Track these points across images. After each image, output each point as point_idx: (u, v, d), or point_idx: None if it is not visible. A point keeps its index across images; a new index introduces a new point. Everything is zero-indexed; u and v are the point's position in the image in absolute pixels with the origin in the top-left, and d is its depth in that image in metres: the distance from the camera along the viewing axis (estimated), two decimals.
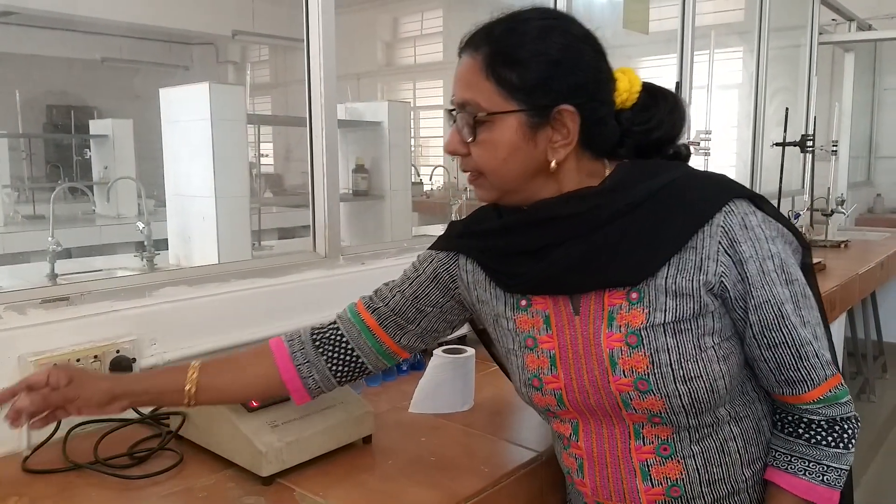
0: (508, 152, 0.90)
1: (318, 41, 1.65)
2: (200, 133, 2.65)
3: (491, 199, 0.97)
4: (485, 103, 0.89)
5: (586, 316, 0.94)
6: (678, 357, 0.89)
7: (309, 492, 1.05)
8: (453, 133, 0.93)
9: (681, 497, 0.95)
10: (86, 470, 1.11)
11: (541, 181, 0.93)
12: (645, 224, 0.91)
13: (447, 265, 1.07)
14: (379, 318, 1.08)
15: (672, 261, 0.90)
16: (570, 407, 0.96)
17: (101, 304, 1.32)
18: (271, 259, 1.67)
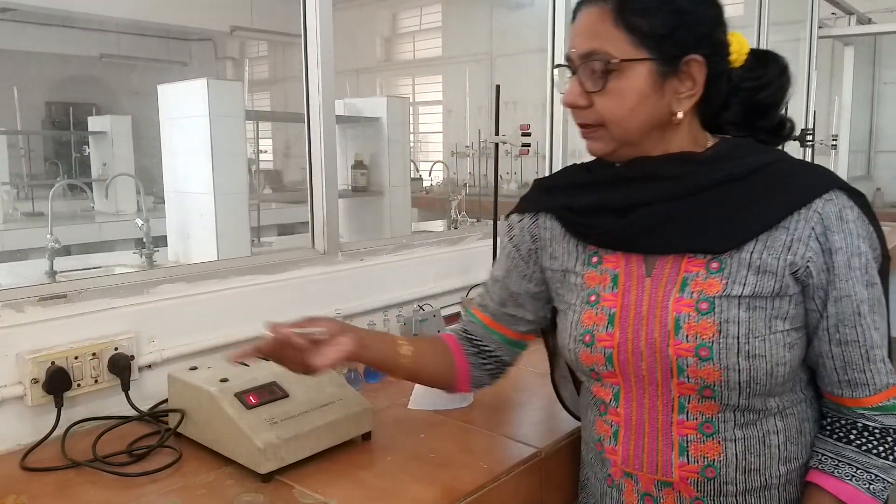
0: (637, 101, 0.90)
1: (316, 37, 1.64)
2: (199, 129, 2.65)
3: (606, 151, 0.96)
4: (615, 52, 0.89)
5: (658, 278, 0.94)
6: (747, 332, 0.89)
7: (308, 489, 1.04)
8: (574, 85, 0.92)
9: (714, 479, 0.94)
10: (84, 468, 1.11)
11: (657, 136, 0.94)
12: (741, 198, 0.91)
13: (531, 224, 1.09)
14: (492, 315, 1.13)
15: (761, 237, 0.91)
16: (618, 369, 0.96)
17: (100, 301, 1.31)
18: (270, 256, 1.66)
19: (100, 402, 1.29)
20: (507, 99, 1.90)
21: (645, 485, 0.98)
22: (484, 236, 2.10)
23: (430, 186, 5.66)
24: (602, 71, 0.89)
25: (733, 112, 0.99)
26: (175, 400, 1.22)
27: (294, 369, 1.00)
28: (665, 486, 0.96)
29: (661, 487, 0.97)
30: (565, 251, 1.04)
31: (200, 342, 1.44)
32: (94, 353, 1.27)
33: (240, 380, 1.16)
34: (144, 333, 1.36)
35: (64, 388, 1.22)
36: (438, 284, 1.95)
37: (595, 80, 0.90)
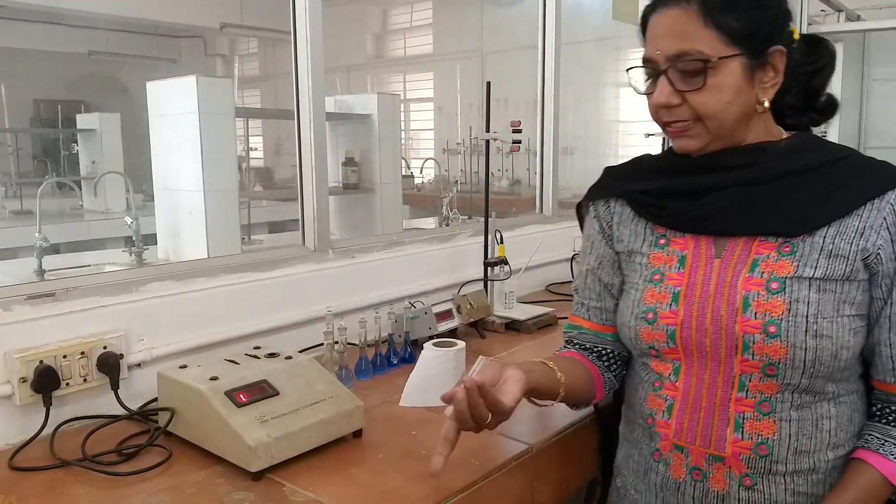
0: (733, 95, 0.94)
1: (306, 33, 1.63)
2: (188, 127, 2.63)
3: (700, 147, 0.99)
4: (709, 50, 0.92)
5: (728, 259, 0.98)
6: (815, 312, 0.92)
7: (299, 487, 1.04)
8: (664, 85, 0.95)
9: (766, 457, 0.96)
10: (74, 467, 1.10)
11: (744, 127, 0.99)
12: (816, 187, 0.96)
13: (604, 210, 1.14)
14: (596, 317, 1.15)
15: (834, 224, 0.95)
16: (680, 345, 0.99)
17: (88, 299, 1.31)
18: (260, 253, 1.66)
19: (89, 401, 1.29)
20: (497, 96, 1.90)
21: (695, 458, 1.00)
22: (475, 233, 2.10)
23: (422, 183, 5.65)
24: (698, 70, 0.93)
25: (793, 95, 1.04)
26: (165, 398, 1.21)
27: (476, 425, 0.95)
28: (716, 460, 0.98)
29: (711, 462, 0.99)
30: (632, 233, 1.09)
31: (190, 340, 1.43)
32: (82, 352, 1.26)
33: (230, 378, 1.15)
34: (134, 332, 1.35)
35: (52, 387, 1.22)
36: (430, 281, 1.95)
37: (690, 79, 0.94)
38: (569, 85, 2.62)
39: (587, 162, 5.22)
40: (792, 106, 1.05)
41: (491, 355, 1.64)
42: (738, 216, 0.99)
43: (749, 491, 0.98)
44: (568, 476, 1.28)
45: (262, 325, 1.57)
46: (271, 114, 5.91)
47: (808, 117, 1.07)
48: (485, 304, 1.82)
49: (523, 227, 2.39)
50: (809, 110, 1.07)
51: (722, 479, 0.98)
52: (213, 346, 1.46)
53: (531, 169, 3.99)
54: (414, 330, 1.63)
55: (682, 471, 1.02)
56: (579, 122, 5.21)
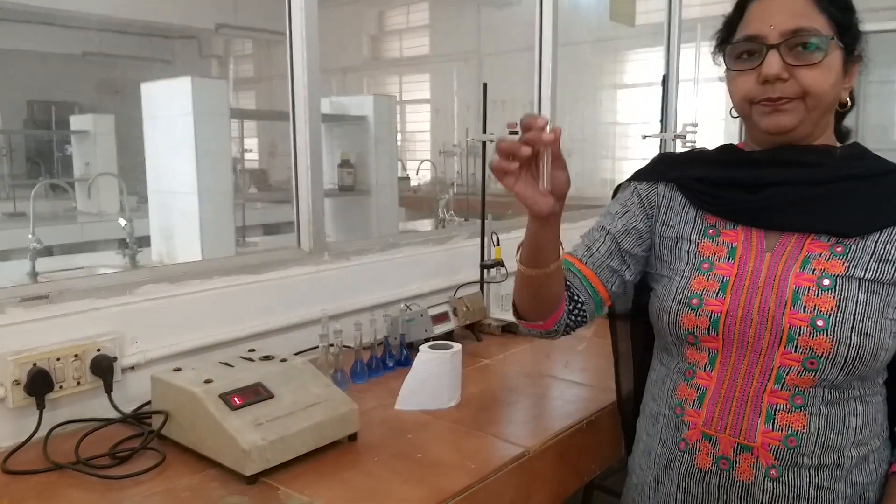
0: (836, 79, 0.99)
1: (301, 35, 1.63)
2: (183, 128, 2.63)
3: (793, 124, 1.00)
4: (824, 31, 0.97)
5: (780, 254, 1.01)
6: (863, 311, 0.95)
7: (294, 490, 1.03)
8: (776, 59, 0.97)
9: (794, 449, 0.98)
10: (67, 470, 1.09)
11: (824, 120, 1.02)
12: (871, 194, 1.00)
13: (648, 191, 1.15)
14: (593, 265, 1.14)
15: (886, 230, 0.98)
16: (721, 333, 1.00)
17: (82, 302, 1.30)
18: (254, 255, 1.65)
19: (82, 403, 1.28)
20: (494, 97, 1.90)
21: (724, 448, 1.01)
22: (471, 235, 2.09)
23: (418, 185, 5.65)
24: (816, 46, 0.96)
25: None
26: (159, 401, 1.21)
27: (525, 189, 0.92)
28: (745, 450, 1.00)
29: (739, 451, 1.00)
30: (681, 220, 1.10)
31: (184, 343, 1.43)
32: (76, 355, 1.25)
33: (224, 381, 1.15)
34: (127, 334, 1.34)
35: (46, 389, 1.21)
36: (426, 284, 1.94)
37: (803, 55, 0.97)
38: (566, 87, 2.61)
39: (584, 164, 5.22)
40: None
41: (487, 358, 1.65)
42: (795, 213, 1.01)
43: (774, 482, 0.99)
44: (564, 479, 1.27)
45: (257, 328, 1.56)
46: (266, 115, 5.91)
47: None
48: (481, 307, 1.82)
49: (520, 230, 2.36)
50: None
51: (748, 469, 1.00)
52: (207, 349, 1.45)
53: None
54: (410, 332, 1.62)
55: (708, 460, 1.03)
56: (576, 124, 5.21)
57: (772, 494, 0.99)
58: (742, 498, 1.01)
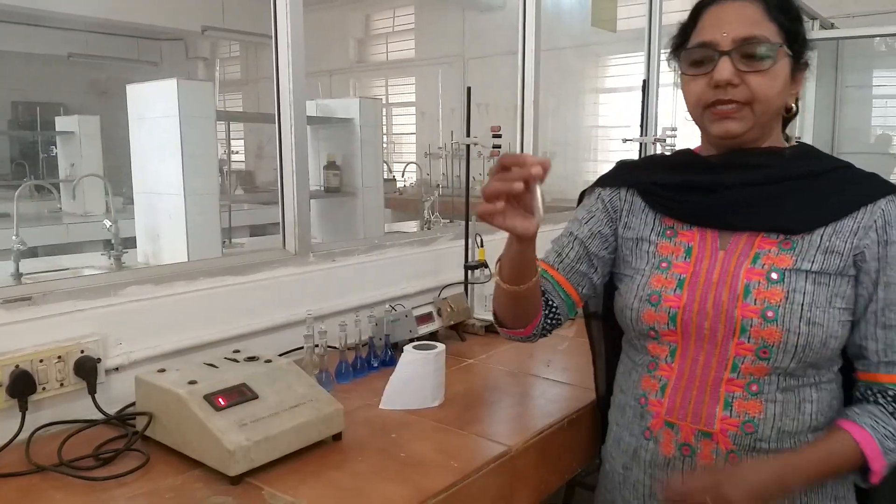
0: (783, 85, 1.03)
1: (287, 37, 1.64)
2: (169, 130, 2.62)
3: (742, 131, 1.04)
4: (774, 39, 1.02)
5: (732, 252, 1.06)
6: (811, 302, 1.00)
7: (278, 490, 1.04)
8: (727, 65, 1.01)
9: (752, 435, 1.03)
10: (50, 472, 1.09)
11: (772, 125, 1.07)
12: (817, 191, 1.05)
13: (611, 196, 1.21)
14: (564, 270, 1.20)
15: (831, 224, 1.03)
16: (680, 327, 1.06)
17: (65, 303, 1.29)
18: (240, 257, 1.65)
19: (66, 405, 1.28)
20: (478, 101, 1.91)
21: (685, 435, 1.06)
22: (456, 237, 2.11)
23: (404, 187, 5.65)
24: (764, 54, 1.01)
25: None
26: (143, 402, 1.21)
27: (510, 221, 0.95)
28: (705, 436, 1.05)
29: (700, 438, 1.05)
30: (641, 222, 1.16)
31: (169, 344, 1.43)
32: (59, 356, 1.25)
33: (209, 381, 1.15)
34: (111, 336, 1.34)
35: (28, 391, 1.20)
36: (411, 285, 1.95)
37: (753, 62, 1.01)
38: (549, 91, 2.64)
39: (566, 167, 5.25)
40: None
41: (471, 358, 1.66)
42: (745, 213, 1.06)
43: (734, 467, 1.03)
44: (546, 477, 1.29)
45: (242, 329, 1.56)
46: (252, 117, 5.89)
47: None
48: (465, 308, 1.83)
49: (503, 231, 2.39)
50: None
51: (709, 455, 1.04)
52: (192, 350, 1.46)
53: None
54: (394, 333, 1.63)
55: (671, 447, 1.08)
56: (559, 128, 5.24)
57: None
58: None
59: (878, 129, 5.53)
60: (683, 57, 1.07)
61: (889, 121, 5.48)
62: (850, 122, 5.54)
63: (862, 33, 4.76)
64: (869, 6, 4.81)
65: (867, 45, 5.18)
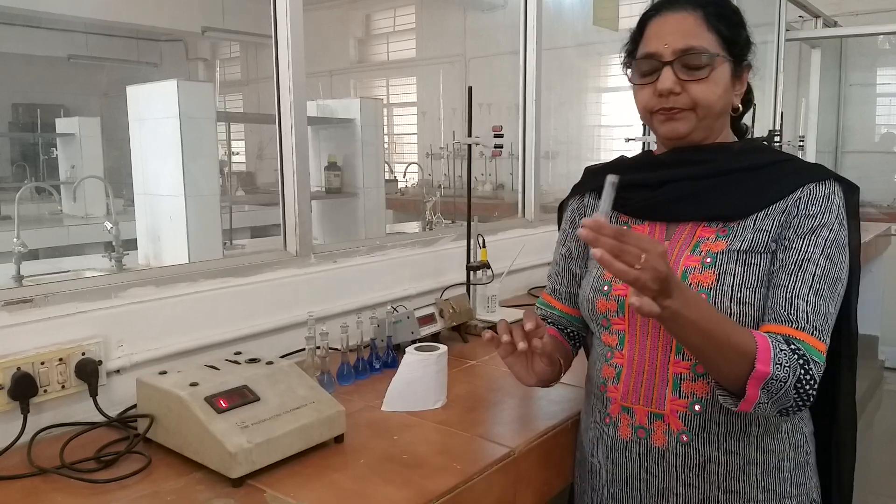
0: (723, 90, 1.10)
1: (287, 37, 1.63)
2: (169, 131, 2.62)
3: (687, 131, 1.11)
4: (711, 49, 1.08)
5: (675, 242, 1.11)
6: (741, 283, 1.04)
7: (280, 493, 1.04)
8: (669, 74, 1.08)
9: (700, 415, 1.07)
10: (51, 475, 1.09)
11: (717, 125, 1.13)
12: (757, 182, 1.09)
13: (577, 205, 1.29)
14: (565, 299, 1.30)
15: (766, 209, 1.08)
16: (628, 314, 1.12)
17: (66, 305, 1.29)
18: (241, 258, 1.65)
19: (67, 407, 1.27)
20: (480, 101, 1.91)
21: (640, 418, 1.12)
22: (458, 237, 2.10)
23: (405, 188, 5.65)
24: (702, 64, 1.07)
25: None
26: (144, 405, 1.21)
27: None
28: (657, 418, 1.10)
29: (653, 419, 1.11)
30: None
31: (170, 346, 1.42)
32: (60, 359, 1.25)
33: (210, 384, 1.15)
34: (112, 338, 1.34)
35: (30, 393, 1.20)
36: (412, 286, 1.95)
37: (693, 71, 1.08)
38: (550, 90, 2.64)
39: (569, 166, 5.25)
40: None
41: (473, 359, 1.65)
42: (686, 205, 1.12)
43: (686, 447, 1.09)
44: (549, 479, 1.28)
45: (243, 331, 1.56)
46: (253, 118, 5.89)
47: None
48: (467, 309, 1.82)
49: (506, 231, 2.40)
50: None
51: (662, 436, 1.10)
52: (193, 352, 1.45)
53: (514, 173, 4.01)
54: (396, 334, 1.63)
55: (628, 430, 1.14)
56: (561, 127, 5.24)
57: (684, 458, 1.09)
58: (658, 463, 1.12)
59: (882, 128, 5.52)
60: (633, 67, 1.14)
61: (893, 119, 5.46)
62: (853, 120, 5.54)
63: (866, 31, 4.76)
64: (873, 4, 4.80)
65: (871, 43, 5.18)
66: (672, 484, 1.11)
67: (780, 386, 0.96)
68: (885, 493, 3.18)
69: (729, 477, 1.09)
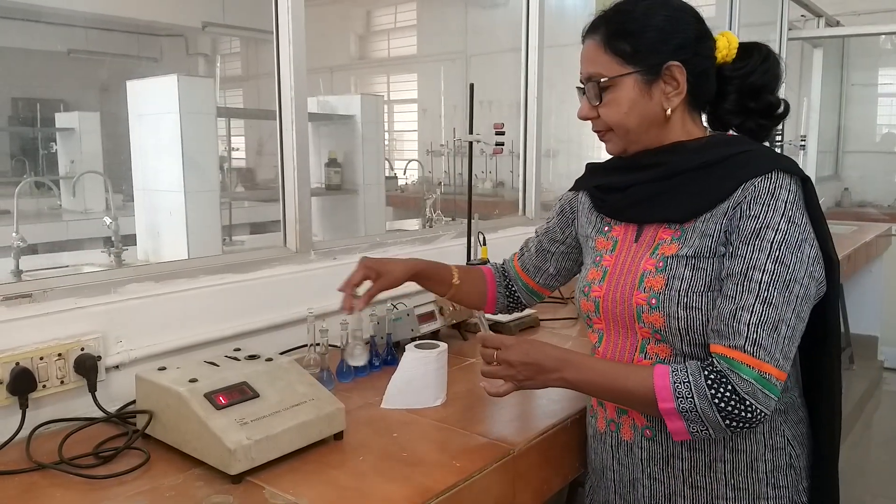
0: (629, 107, 1.09)
1: (288, 33, 1.63)
2: (169, 126, 2.61)
3: (618, 150, 1.16)
4: (606, 72, 1.09)
5: (642, 244, 1.15)
6: (687, 287, 1.05)
7: (279, 489, 1.03)
8: (584, 102, 1.15)
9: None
10: (50, 470, 1.09)
11: (654, 132, 1.12)
12: (710, 179, 1.08)
13: (570, 200, 1.34)
14: (523, 264, 1.42)
15: (712, 209, 1.06)
16: (602, 315, 1.17)
17: (65, 300, 1.29)
18: (241, 254, 1.65)
19: (66, 403, 1.27)
20: (481, 98, 1.90)
21: (610, 412, 1.19)
22: (458, 235, 2.10)
23: (406, 185, 5.64)
24: (599, 89, 1.10)
25: (730, 101, 1.15)
26: (143, 401, 1.20)
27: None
28: (622, 413, 1.17)
29: (620, 414, 1.17)
30: (589, 221, 1.27)
31: (169, 342, 1.42)
32: (59, 354, 1.25)
33: (209, 380, 1.15)
34: (111, 333, 1.34)
35: (29, 389, 1.20)
36: (413, 283, 1.94)
37: (595, 96, 1.11)
38: (552, 88, 2.63)
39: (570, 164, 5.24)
40: (729, 111, 1.15)
41: (473, 357, 1.65)
42: (646, 207, 1.14)
43: (650, 442, 1.13)
44: (549, 477, 1.28)
45: (243, 327, 1.56)
46: (253, 114, 5.88)
47: (754, 122, 1.15)
48: None
49: (506, 229, 2.39)
50: (751, 113, 1.15)
51: (629, 430, 1.16)
52: (192, 349, 1.45)
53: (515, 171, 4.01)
54: (396, 332, 1.63)
55: (603, 423, 1.21)
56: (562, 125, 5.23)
57: (649, 452, 1.14)
58: (627, 455, 1.17)
59: (883, 128, 5.51)
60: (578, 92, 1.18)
61: (894, 119, 5.46)
62: (855, 120, 5.53)
63: (868, 31, 4.75)
64: (875, 4, 4.79)
65: (873, 42, 5.17)
66: (639, 475, 1.16)
67: (696, 414, 0.97)
68: (884, 494, 3.18)
69: (694, 472, 1.11)
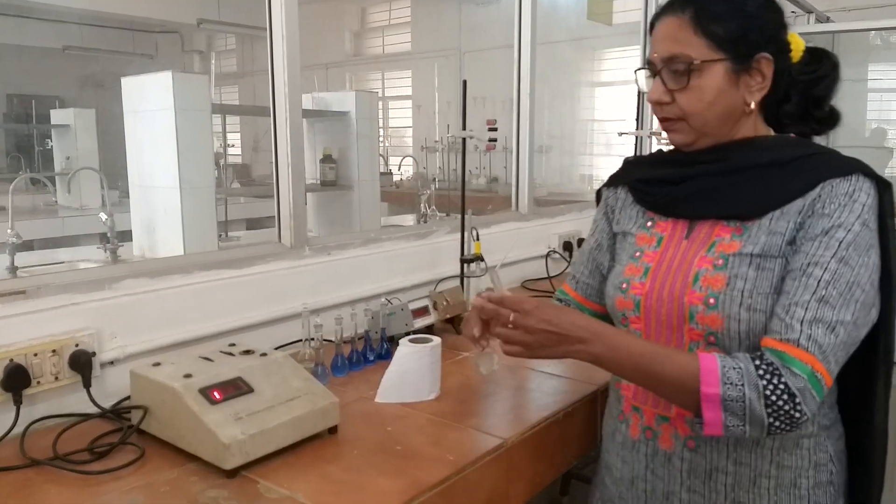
0: (715, 96, 1.03)
1: (282, 30, 1.63)
2: (164, 123, 2.61)
3: (687, 142, 1.08)
4: (695, 54, 1.02)
5: (694, 240, 1.08)
6: (752, 288, 0.99)
7: (273, 483, 1.04)
8: (657, 84, 1.06)
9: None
10: (44, 466, 1.09)
11: (729, 126, 1.07)
12: (778, 178, 1.03)
13: (609, 196, 1.26)
14: (583, 291, 1.28)
15: (781, 208, 1.01)
16: (643, 314, 1.09)
17: (60, 297, 1.29)
18: (236, 250, 1.65)
19: (60, 399, 1.28)
20: (475, 94, 1.91)
21: (648, 419, 1.11)
22: (452, 230, 2.10)
23: (400, 181, 5.65)
24: (684, 71, 1.03)
25: (793, 104, 1.10)
26: (138, 396, 1.21)
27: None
28: (663, 420, 1.09)
29: (660, 422, 1.09)
30: (628, 217, 1.20)
31: (164, 338, 1.43)
32: (54, 350, 1.25)
33: (204, 375, 1.15)
34: (106, 329, 1.34)
35: (23, 385, 1.20)
36: (407, 278, 1.95)
37: (677, 80, 1.04)
38: (544, 84, 2.64)
39: (562, 160, 5.25)
40: (790, 114, 1.11)
41: (466, 351, 1.66)
42: (704, 202, 1.08)
43: (692, 452, 1.06)
44: (541, 470, 1.29)
45: (238, 323, 1.56)
46: (248, 111, 5.88)
47: (809, 127, 1.12)
48: (461, 301, 1.83)
49: (499, 225, 2.40)
50: (809, 119, 1.12)
51: (669, 439, 1.08)
52: (187, 344, 1.45)
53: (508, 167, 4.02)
54: (390, 326, 1.63)
55: (637, 430, 1.13)
56: (555, 121, 5.24)
57: (690, 463, 1.07)
58: (664, 466, 1.09)
59: (873, 123, 5.53)
60: (638, 75, 1.13)
61: (884, 114, 5.48)
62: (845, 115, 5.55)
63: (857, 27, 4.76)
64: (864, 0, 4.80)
65: (863, 38, 5.18)
66: (676, 489, 1.09)
67: (741, 405, 0.91)
68: None
69: (738, 488, 1.04)
